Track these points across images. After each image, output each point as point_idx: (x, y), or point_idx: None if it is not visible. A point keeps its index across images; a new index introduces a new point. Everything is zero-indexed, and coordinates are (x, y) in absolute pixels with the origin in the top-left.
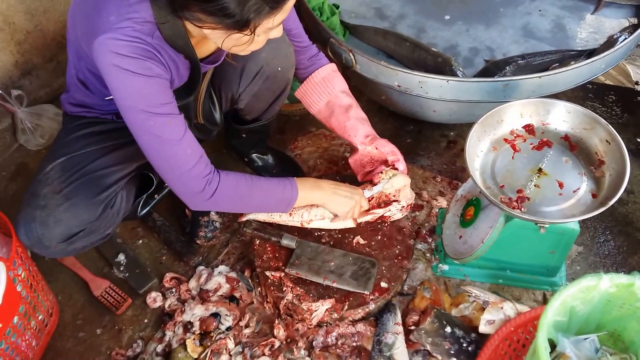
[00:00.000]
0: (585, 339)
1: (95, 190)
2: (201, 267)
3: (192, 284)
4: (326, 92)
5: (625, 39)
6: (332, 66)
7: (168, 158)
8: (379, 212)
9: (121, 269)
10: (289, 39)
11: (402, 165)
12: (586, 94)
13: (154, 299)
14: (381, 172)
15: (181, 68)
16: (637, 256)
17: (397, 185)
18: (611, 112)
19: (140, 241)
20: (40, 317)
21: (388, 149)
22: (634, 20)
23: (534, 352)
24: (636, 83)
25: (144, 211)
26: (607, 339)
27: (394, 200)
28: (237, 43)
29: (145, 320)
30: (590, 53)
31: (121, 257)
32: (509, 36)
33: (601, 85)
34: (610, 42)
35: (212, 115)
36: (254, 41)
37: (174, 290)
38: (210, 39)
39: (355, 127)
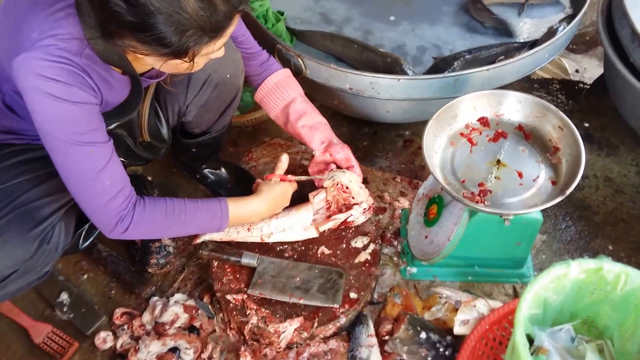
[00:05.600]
0: (560, 329)
1: (28, 224)
2: (155, 298)
3: (146, 317)
4: (281, 98)
5: (564, 28)
6: (286, 71)
7: (84, 189)
8: (341, 217)
9: (65, 309)
10: (237, 46)
11: (357, 170)
12: (532, 85)
13: (104, 340)
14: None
15: (117, 86)
16: (599, 239)
17: (339, 178)
18: (557, 100)
19: (85, 276)
20: None
21: (342, 156)
22: (570, 11)
23: (513, 349)
24: (576, 71)
25: (87, 243)
26: (582, 326)
27: (355, 204)
28: (177, 69)
29: None
30: (532, 44)
31: (64, 297)
32: (454, 33)
33: (543, 78)
34: (551, 33)
35: (159, 132)
36: (193, 65)
37: (125, 327)
38: (146, 61)
39: (310, 134)
